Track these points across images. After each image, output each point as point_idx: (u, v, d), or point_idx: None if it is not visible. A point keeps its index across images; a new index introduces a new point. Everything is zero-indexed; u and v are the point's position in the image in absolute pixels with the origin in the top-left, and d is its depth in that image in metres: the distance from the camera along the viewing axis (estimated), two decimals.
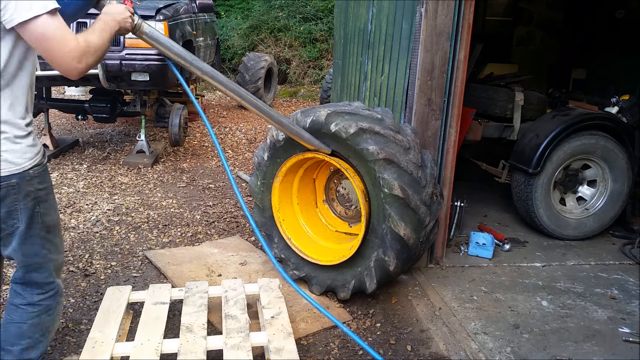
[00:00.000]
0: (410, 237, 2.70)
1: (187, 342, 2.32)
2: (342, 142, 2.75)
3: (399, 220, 2.66)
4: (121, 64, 4.99)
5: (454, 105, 3.13)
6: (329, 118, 2.76)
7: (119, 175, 5.21)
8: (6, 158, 1.75)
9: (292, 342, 2.36)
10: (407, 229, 2.68)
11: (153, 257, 3.49)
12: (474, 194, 4.58)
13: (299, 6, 12.18)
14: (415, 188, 2.69)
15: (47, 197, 1.92)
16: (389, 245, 2.72)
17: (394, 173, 2.64)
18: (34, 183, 1.84)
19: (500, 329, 2.71)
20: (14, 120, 1.76)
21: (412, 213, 2.69)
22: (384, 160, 2.64)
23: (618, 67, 5.36)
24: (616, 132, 3.83)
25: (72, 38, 1.67)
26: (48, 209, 1.93)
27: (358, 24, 4.53)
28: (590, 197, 3.95)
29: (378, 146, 2.64)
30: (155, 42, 2.17)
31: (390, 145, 2.68)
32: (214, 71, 2.39)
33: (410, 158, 2.71)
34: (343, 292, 2.95)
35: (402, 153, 2.69)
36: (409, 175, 2.67)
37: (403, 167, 2.65)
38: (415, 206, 2.68)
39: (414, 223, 2.71)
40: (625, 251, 3.74)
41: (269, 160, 3.11)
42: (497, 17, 6.57)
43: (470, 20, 3.01)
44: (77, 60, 1.67)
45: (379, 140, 2.68)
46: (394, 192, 2.63)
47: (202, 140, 6.91)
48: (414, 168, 2.69)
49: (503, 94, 4.42)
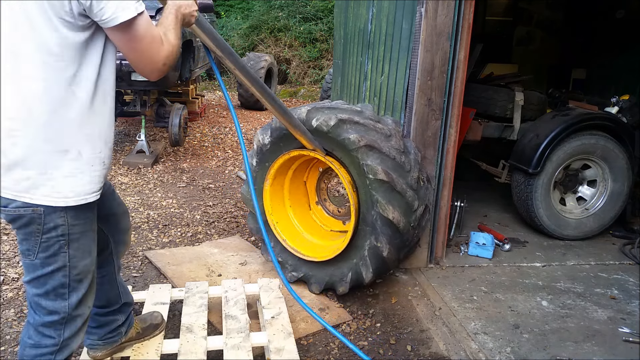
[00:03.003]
0: (400, 221, 2.72)
1: (187, 342, 2.32)
2: (325, 136, 2.80)
3: (387, 204, 2.69)
4: (121, 64, 4.99)
5: (454, 105, 3.14)
6: (309, 114, 2.84)
7: (119, 175, 5.21)
8: (58, 184, 1.54)
9: (292, 342, 2.36)
10: (396, 212, 2.70)
11: (153, 257, 3.49)
12: (474, 194, 4.58)
13: (299, 6, 12.18)
14: (400, 172, 2.74)
15: (80, 237, 1.66)
16: (380, 231, 2.74)
17: (377, 159, 2.69)
18: (67, 216, 1.59)
19: (500, 329, 2.71)
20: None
21: (399, 196, 2.71)
22: (365, 147, 2.69)
23: (618, 67, 5.36)
24: (616, 132, 3.83)
25: (160, 39, 1.56)
26: (79, 250, 1.67)
27: (358, 24, 4.53)
28: (590, 197, 3.95)
29: (359, 134, 2.70)
30: (202, 33, 1.94)
31: (371, 132, 2.76)
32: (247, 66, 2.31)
33: (392, 144, 2.77)
34: (342, 286, 2.96)
35: (383, 140, 2.76)
36: (392, 160, 2.72)
37: (385, 153, 2.71)
38: (402, 189, 2.71)
39: (403, 207, 2.74)
40: (625, 251, 3.74)
41: (258, 166, 3.15)
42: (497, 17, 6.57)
43: (470, 20, 3.01)
44: (162, 62, 1.57)
45: (359, 129, 2.74)
46: (378, 177, 2.67)
47: (202, 140, 6.91)
48: (396, 153, 2.75)
49: (503, 94, 4.42)
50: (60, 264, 1.63)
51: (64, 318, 1.70)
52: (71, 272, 1.66)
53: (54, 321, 1.69)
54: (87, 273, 1.72)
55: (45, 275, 1.63)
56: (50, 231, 1.58)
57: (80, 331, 1.77)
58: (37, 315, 1.70)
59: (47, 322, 1.69)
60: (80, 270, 1.69)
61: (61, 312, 1.69)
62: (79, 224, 1.63)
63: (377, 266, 2.83)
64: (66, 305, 1.69)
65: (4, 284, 3.08)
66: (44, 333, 1.70)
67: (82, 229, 1.65)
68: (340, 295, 3.08)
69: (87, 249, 1.70)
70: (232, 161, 6.07)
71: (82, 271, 1.70)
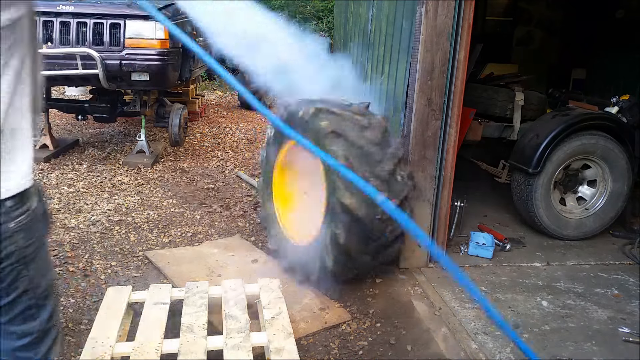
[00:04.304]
0: (357, 208, 2.70)
1: (187, 342, 2.32)
2: (306, 125, 2.90)
3: (344, 190, 2.70)
4: (121, 64, 4.99)
5: (454, 105, 3.13)
6: (298, 105, 2.97)
7: (119, 175, 5.21)
8: None
9: (292, 342, 2.36)
10: (353, 199, 2.69)
11: (153, 257, 3.49)
12: (474, 194, 4.58)
13: (299, 6, 12.18)
14: (365, 161, 2.76)
15: (36, 254, 1.44)
16: (338, 217, 2.75)
17: (342, 146, 2.75)
18: (18, 239, 1.37)
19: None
20: None
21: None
22: (332, 134, 2.76)
23: (618, 67, 5.36)
24: (616, 132, 3.83)
25: None
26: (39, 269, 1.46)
27: (358, 24, 4.53)
28: (590, 197, 3.94)
29: (329, 122, 2.79)
30: None
31: (345, 122, 2.82)
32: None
33: (366, 135, 2.81)
34: (313, 275, 2.99)
35: (355, 129, 2.81)
36: (358, 148, 2.76)
37: (351, 140, 2.75)
38: (363, 177, 2.69)
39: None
40: (625, 251, 3.74)
41: (267, 158, 3.36)
42: (497, 17, 6.58)
43: (471, 20, 3.01)
44: None
45: (333, 118, 2.83)
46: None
47: (202, 140, 6.91)
48: (366, 143, 2.78)
49: (503, 94, 4.42)
50: (22, 289, 1.45)
51: (38, 337, 1.56)
52: (36, 292, 1.50)
53: (28, 343, 1.54)
54: (51, 287, 1.57)
55: (8, 303, 1.45)
56: (3, 261, 1.38)
57: (56, 339, 1.63)
58: (9, 341, 1.53)
59: (21, 345, 1.54)
60: (45, 286, 1.53)
61: (34, 332, 1.54)
62: (31, 242, 1.43)
63: (337, 254, 2.81)
64: (37, 323, 1.54)
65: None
66: (20, 357, 1.54)
67: (36, 245, 1.46)
68: (340, 295, 3.09)
69: (46, 263, 1.54)
70: (232, 161, 6.07)
71: (48, 286, 1.54)
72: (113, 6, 5.16)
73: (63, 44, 5.03)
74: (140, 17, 5.08)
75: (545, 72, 6.35)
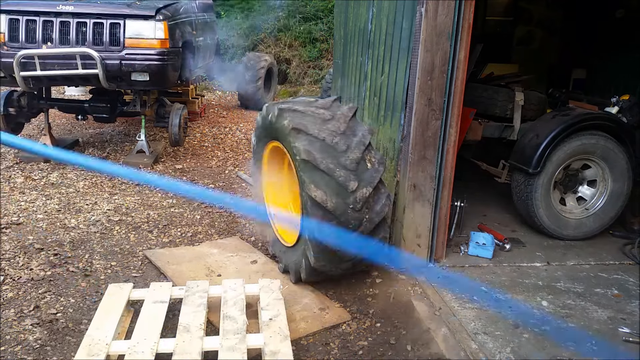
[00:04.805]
0: (326, 200, 2.69)
1: (183, 342, 2.31)
2: (273, 127, 3.00)
3: (310, 183, 2.71)
4: (121, 64, 4.99)
5: (454, 105, 3.13)
6: (267, 109, 3.08)
7: None
8: None
9: (288, 345, 2.35)
10: (320, 191, 2.69)
11: (153, 257, 3.49)
12: (474, 194, 4.58)
13: (299, 6, 12.17)
14: (329, 152, 2.76)
15: None
16: (310, 211, 2.76)
17: (304, 140, 2.77)
18: None
19: (500, 329, 2.71)
20: None
21: (326, 176, 2.71)
22: (293, 130, 2.80)
23: (618, 67, 5.36)
24: (616, 132, 3.82)
25: None
26: None
27: (358, 23, 4.53)
28: (590, 197, 3.94)
29: (290, 120, 2.83)
30: None
31: (306, 118, 2.86)
32: None
33: (327, 127, 2.83)
34: (303, 273, 3.00)
35: (318, 123, 2.83)
36: (321, 141, 2.77)
37: (313, 135, 2.78)
38: (327, 169, 2.70)
39: (332, 186, 2.71)
40: (626, 251, 3.74)
41: (254, 164, 3.48)
42: (498, 16, 6.58)
43: (471, 20, 3.01)
44: None
45: (294, 115, 2.88)
46: (302, 157, 2.73)
47: (202, 140, 6.90)
48: (328, 135, 2.80)
49: (503, 93, 4.42)
50: None
51: None
52: None
53: None
54: None
55: None
56: None
57: None
58: None
59: None
60: None
61: None
62: None
63: (317, 250, 2.81)
64: None
65: (4, 284, 3.08)
66: None
67: None
68: (340, 295, 3.09)
69: None
70: (232, 161, 6.07)
71: None
72: (113, 6, 5.16)
73: (63, 44, 5.03)
74: (140, 17, 5.08)
75: (546, 72, 6.34)
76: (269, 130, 3.14)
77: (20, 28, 5.02)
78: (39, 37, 5.03)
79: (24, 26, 5.03)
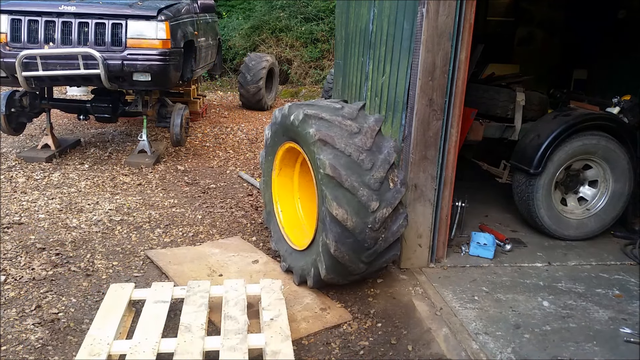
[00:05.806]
0: (347, 219, 2.65)
1: (184, 342, 2.32)
2: (295, 130, 2.91)
3: (332, 200, 2.65)
4: (123, 64, 5.00)
5: (455, 105, 3.14)
6: (290, 110, 2.99)
7: (120, 175, 5.22)
8: None
9: (289, 345, 2.35)
10: (341, 210, 2.64)
11: (155, 257, 3.50)
12: (475, 194, 4.58)
13: (301, 6, 12.18)
14: (354, 169, 2.68)
15: None
16: (328, 227, 2.71)
17: (330, 154, 2.69)
18: None
19: (501, 329, 2.71)
20: None
21: (349, 194, 2.65)
22: (319, 141, 2.71)
23: (619, 68, 5.35)
24: (617, 132, 3.82)
25: None
26: None
27: (359, 24, 4.53)
28: (592, 197, 3.94)
29: (317, 129, 2.73)
30: None
31: (333, 129, 2.76)
32: None
33: (355, 142, 2.74)
34: (309, 280, 3.00)
35: (344, 136, 2.74)
36: (347, 157, 2.69)
37: (339, 149, 2.69)
38: (351, 187, 2.64)
39: (353, 205, 2.66)
40: (627, 251, 3.73)
41: (265, 158, 3.41)
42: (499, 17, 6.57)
43: (472, 21, 3.01)
44: None
45: (321, 124, 2.78)
46: (326, 172, 2.65)
47: (204, 140, 6.91)
48: (355, 150, 2.71)
49: (504, 94, 4.42)
50: None
51: None
52: None
53: None
54: None
55: None
56: None
57: None
58: None
59: None
60: None
61: None
62: None
63: (330, 264, 2.79)
64: None
65: (6, 284, 3.09)
66: None
67: None
68: (341, 295, 3.09)
69: None
70: (234, 161, 6.07)
71: None
72: (115, 6, 5.17)
73: (65, 44, 5.05)
74: (142, 17, 5.09)
75: (547, 73, 6.34)
76: (289, 131, 3.04)
77: (23, 28, 5.04)
78: (41, 37, 5.05)
79: (26, 26, 5.04)
